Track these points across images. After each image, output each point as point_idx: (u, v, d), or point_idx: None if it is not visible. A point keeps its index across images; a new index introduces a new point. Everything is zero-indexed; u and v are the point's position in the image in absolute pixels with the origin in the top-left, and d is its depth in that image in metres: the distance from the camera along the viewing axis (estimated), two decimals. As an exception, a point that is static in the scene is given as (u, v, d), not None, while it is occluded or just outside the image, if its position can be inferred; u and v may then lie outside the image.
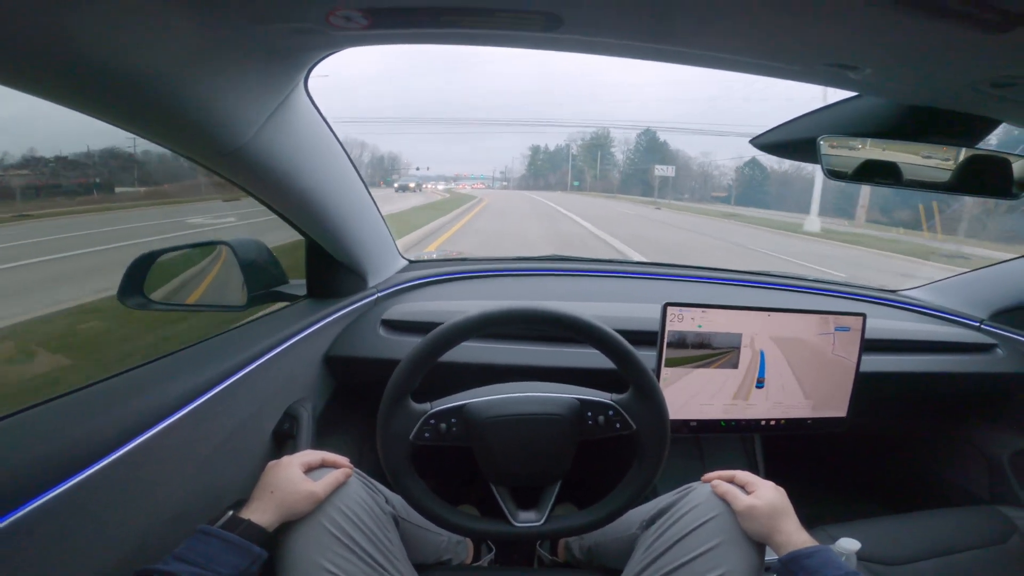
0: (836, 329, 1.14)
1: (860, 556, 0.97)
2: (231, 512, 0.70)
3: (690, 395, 1.12)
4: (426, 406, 0.79)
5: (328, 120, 0.87)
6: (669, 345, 1.09)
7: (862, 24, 0.50)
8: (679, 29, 0.58)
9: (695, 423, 1.14)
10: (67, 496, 0.54)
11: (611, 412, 0.81)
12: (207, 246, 1.09)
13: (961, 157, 0.87)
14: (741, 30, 0.56)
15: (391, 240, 1.32)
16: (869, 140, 0.85)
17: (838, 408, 1.18)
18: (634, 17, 0.56)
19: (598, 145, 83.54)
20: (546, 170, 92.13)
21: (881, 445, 1.68)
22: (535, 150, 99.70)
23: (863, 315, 1.15)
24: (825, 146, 0.83)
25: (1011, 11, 0.43)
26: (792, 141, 0.90)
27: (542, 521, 0.82)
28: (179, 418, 0.69)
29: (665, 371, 1.10)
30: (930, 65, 0.59)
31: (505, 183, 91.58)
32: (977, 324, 1.43)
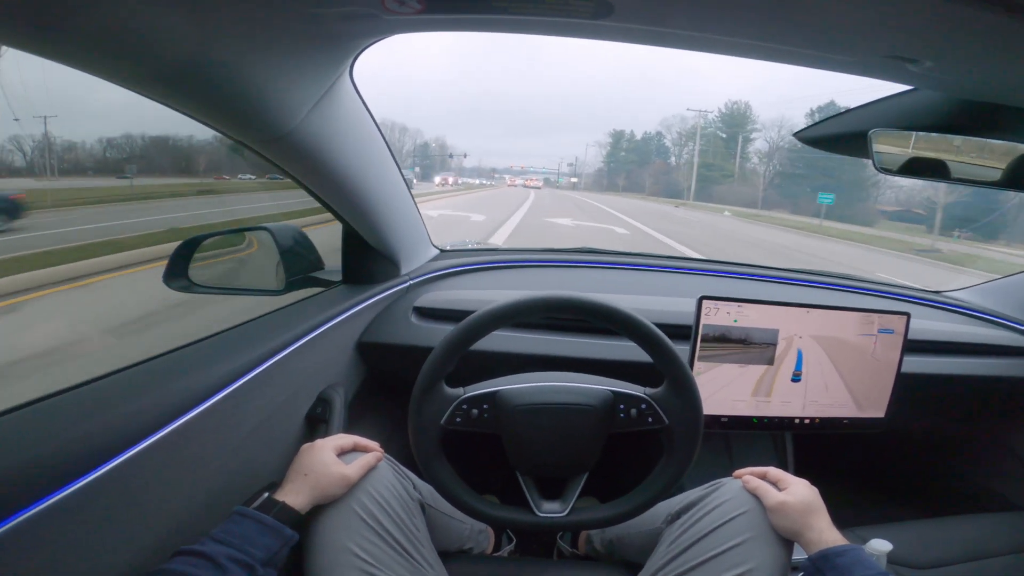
0: (880, 331, 1.12)
1: (890, 559, 0.96)
2: (267, 494, 0.71)
3: (723, 390, 1.11)
4: (459, 391, 0.80)
5: (370, 108, 0.88)
6: (703, 339, 1.08)
7: (928, 16, 0.49)
8: (732, 19, 0.57)
9: (727, 419, 1.13)
10: (107, 478, 0.55)
11: (644, 406, 0.80)
12: (249, 231, 1.11)
13: (1015, 154, 0.84)
14: (798, 19, 0.55)
15: (424, 229, 1.33)
16: (922, 135, 0.83)
17: (877, 409, 1.15)
18: (685, 6, 0.55)
19: (737, 124, 54.22)
20: (630, 163, 68.71)
21: (916, 447, 1.64)
22: (617, 136, 75.29)
23: (907, 314, 1.12)
24: (876, 140, 0.81)
25: None
26: (841, 135, 0.88)
27: (566, 512, 0.82)
28: (217, 400, 0.71)
29: (698, 365, 1.09)
30: (993, 60, 0.57)
31: (575, 179, 73.88)
32: (1022, 328, 1.38)
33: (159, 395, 0.65)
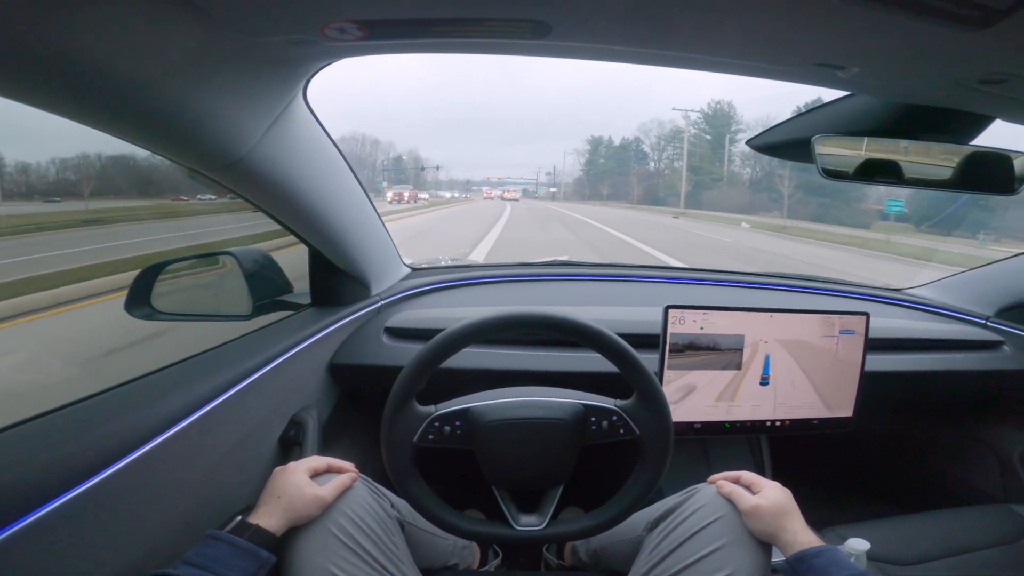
0: (841, 332, 1.14)
1: (871, 556, 0.96)
2: (240, 517, 0.71)
3: (694, 397, 1.12)
4: (431, 408, 0.80)
5: (327, 129, 0.89)
6: (671, 348, 1.09)
7: (845, 24, 0.51)
8: (668, 34, 0.59)
9: (699, 425, 1.14)
10: (78, 501, 0.55)
11: (615, 418, 0.81)
12: (213, 256, 1.11)
13: (961, 154, 0.87)
14: (728, 33, 0.57)
15: (393, 248, 1.34)
16: (864, 139, 0.86)
17: (845, 408, 1.17)
18: (622, 23, 0.57)
19: (722, 124, 51.20)
20: (609, 171, 65.28)
21: (890, 445, 1.66)
22: (595, 143, 71.29)
23: (866, 314, 1.14)
24: (819, 146, 0.83)
25: (990, 7, 0.44)
26: (788, 142, 0.90)
27: (543, 525, 0.82)
28: (187, 425, 0.71)
29: (668, 373, 1.10)
30: (917, 63, 0.60)
31: (554, 189, 69.67)
32: (983, 321, 1.41)
33: (126, 421, 0.65)
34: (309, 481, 0.76)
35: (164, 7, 0.48)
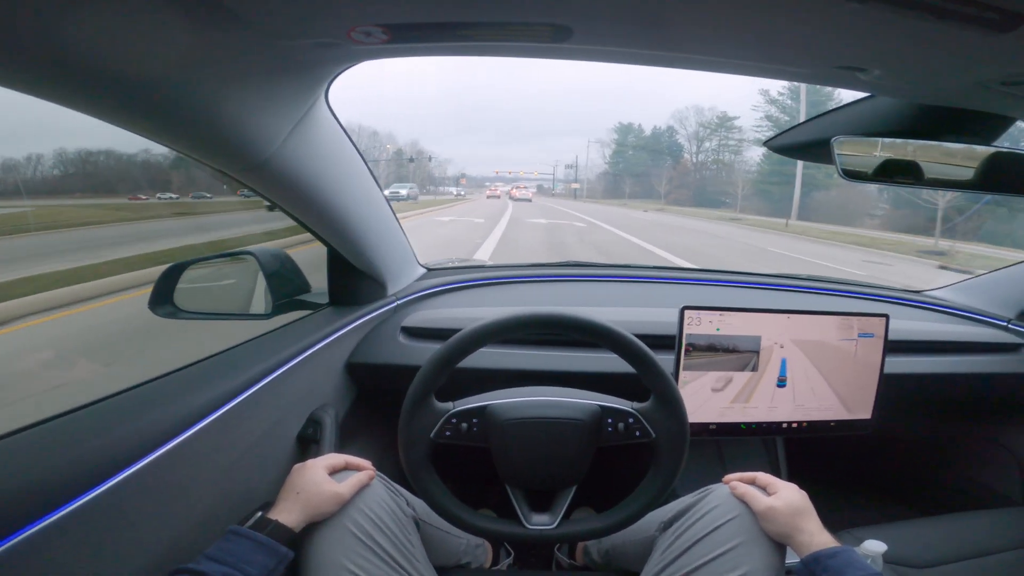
0: (860, 335, 1.13)
1: (888, 559, 0.96)
2: (259, 513, 0.73)
3: (710, 398, 1.12)
4: (449, 405, 0.81)
5: (347, 130, 0.90)
6: (687, 348, 1.09)
7: (865, 27, 0.51)
8: (688, 37, 0.60)
9: (715, 426, 1.14)
10: (102, 499, 0.57)
11: (631, 420, 0.81)
12: (234, 256, 1.13)
13: (982, 155, 0.86)
14: (749, 36, 0.57)
15: (409, 248, 1.35)
16: (884, 140, 0.85)
17: (863, 410, 1.16)
18: (643, 27, 0.58)
19: (791, 112, 35.56)
20: (641, 164, 53.20)
21: (908, 447, 1.65)
22: (624, 131, 58.00)
23: (886, 316, 1.13)
24: (839, 147, 0.83)
25: (1013, 10, 0.44)
26: (807, 143, 0.90)
27: (555, 524, 0.83)
28: (207, 424, 0.72)
29: (684, 374, 1.10)
30: (937, 65, 0.60)
31: (576, 185, 59.12)
32: (1004, 324, 1.40)
33: (150, 419, 0.66)
34: (327, 478, 0.77)
35: (196, 10, 0.49)
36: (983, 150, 0.85)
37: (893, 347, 1.16)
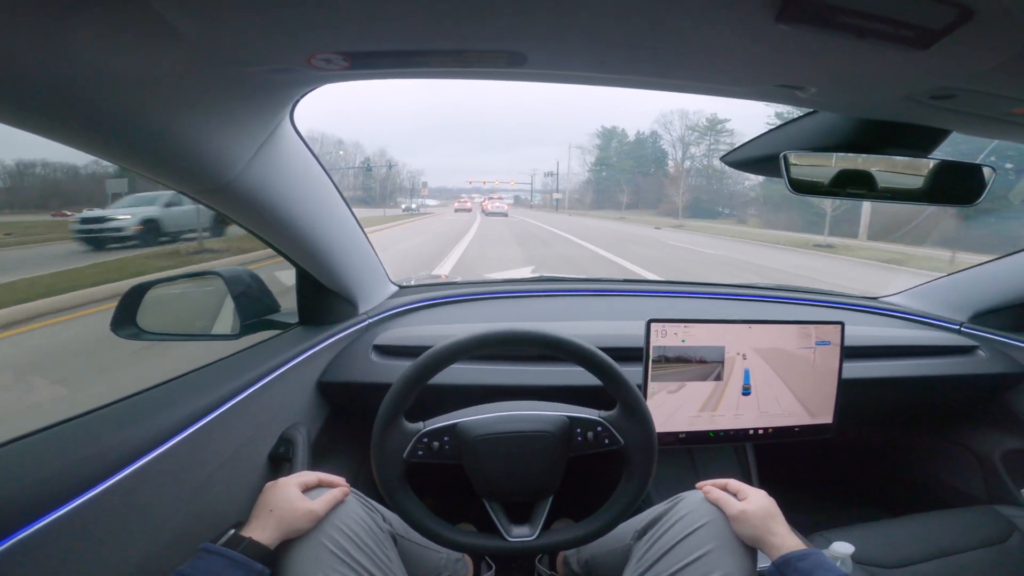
0: (817, 344, 1.17)
1: (858, 560, 0.98)
2: (233, 531, 0.72)
3: (678, 408, 1.14)
4: (419, 425, 0.82)
5: (314, 151, 0.91)
6: (654, 360, 1.11)
7: (798, 47, 0.54)
8: (636, 60, 0.62)
9: (684, 435, 1.16)
10: (67, 519, 0.56)
11: (599, 428, 0.83)
12: (200, 276, 1.12)
13: (926, 167, 0.90)
14: (691, 59, 0.60)
15: (380, 267, 1.35)
16: (833, 154, 0.89)
17: (824, 415, 1.20)
18: (592, 52, 0.60)
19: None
20: (625, 171, 51.47)
21: (874, 450, 1.69)
22: (607, 136, 57.04)
23: (841, 323, 1.17)
24: (788, 161, 0.86)
25: (928, 27, 0.47)
26: (759, 157, 0.93)
27: (535, 536, 0.83)
28: (175, 444, 0.71)
29: (652, 386, 1.12)
30: (868, 82, 0.63)
31: (558, 195, 56.82)
32: (957, 327, 1.45)
33: (117, 438, 0.65)
34: (301, 495, 0.77)
35: (148, 36, 0.50)
36: (925, 162, 0.90)
37: (850, 353, 1.20)
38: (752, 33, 0.51)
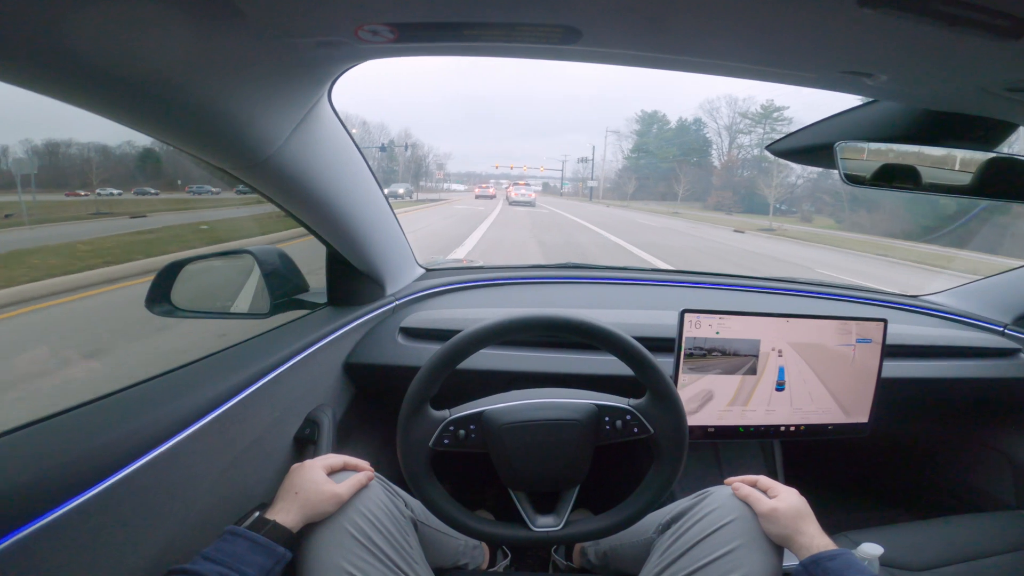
0: (858, 341, 1.14)
1: (884, 561, 0.96)
2: (257, 513, 0.72)
3: (708, 401, 1.12)
4: (445, 413, 0.81)
5: (349, 130, 0.89)
6: (687, 351, 1.09)
7: (875, 32, 0.51)
8: (697, 41, 0.59)
9: (713, 429, 1.14)
10: (98, 499, 0.56)
11: (628, 416, 0.81)
12: (233, 255, 1.12)
13: (981, 161, 0.87)
14: (757, 40, 0.57)
15: (409, 249, 1.34)
16: (887, 145, 0.85)
17: (860, 414, 1.17)
18: (651, 30, 0.57)
19: None
20: (666, 162, 46.06)
21: (905, 451, 1.66)
22: (647, 121, 52.05)
23: (884, 320, 1.14)
24: (842, 151, 0.83)
25: (1022, 17, 0.44)
26: (809, 147, 0.90)
27: (560, 526, 0.82)
28: (205, 424, 0.71)
29: (683, 377, 1.10)
30: (944, 71, 0.60)
31: (593, 182, 52.00)
32: (1000, 329, 1.41)
33: (147, 419, 0.65)
34: (326, 478, 0.77)
35: (202, 7, 0.49)
36: (983, 155, 0.86)
37: (890, 351, 1.16)
38: (832, 15, 0.48)
